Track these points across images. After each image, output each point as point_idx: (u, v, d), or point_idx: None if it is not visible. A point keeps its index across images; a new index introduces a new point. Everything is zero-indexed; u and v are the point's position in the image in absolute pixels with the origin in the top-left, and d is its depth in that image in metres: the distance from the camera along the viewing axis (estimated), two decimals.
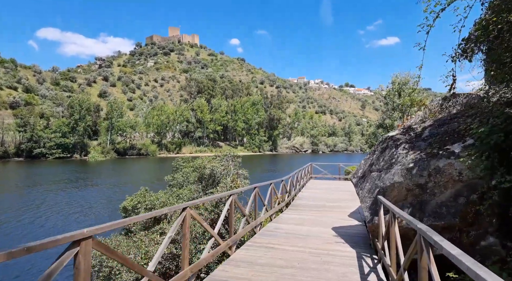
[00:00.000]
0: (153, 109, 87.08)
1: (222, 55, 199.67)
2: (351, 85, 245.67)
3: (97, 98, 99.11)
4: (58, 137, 66.25)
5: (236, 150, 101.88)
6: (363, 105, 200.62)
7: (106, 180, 37.95)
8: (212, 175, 12.35)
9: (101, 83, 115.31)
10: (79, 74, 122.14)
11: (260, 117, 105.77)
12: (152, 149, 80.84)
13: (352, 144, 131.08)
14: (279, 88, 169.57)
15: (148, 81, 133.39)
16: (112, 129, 76.65)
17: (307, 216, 9.05)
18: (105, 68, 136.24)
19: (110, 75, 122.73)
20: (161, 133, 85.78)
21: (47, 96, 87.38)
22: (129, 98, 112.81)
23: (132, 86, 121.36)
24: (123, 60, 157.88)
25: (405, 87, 23.70)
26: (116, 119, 77.08)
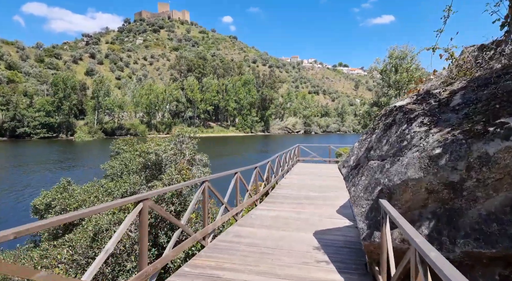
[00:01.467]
0: (141, 88, 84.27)
1: (214, 33, 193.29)
2: (345, 65, 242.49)
3: (84, 77, 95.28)
4: (42, 116, 63.77)
5: (227, 130, 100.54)
6: (357, 85, 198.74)
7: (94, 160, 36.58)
8: (158, 162, 9.69)
9: (87, 60, 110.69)
10: (65, 51, 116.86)
11: (252, 97, 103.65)
12: (141, 129, 78.88)
13: (345, 124, 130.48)
14: (272, 68, 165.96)
15: (137, 59, 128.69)
16: (99, 109, 74.16)
17: (285, 211, 7.35)
18: (93, 45, 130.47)
19: (97, 53, 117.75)
20: (150, 113, 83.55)
21: (31, 74, 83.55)
22: (117, 77, 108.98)
23: (120, 64, 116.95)
24: (111, 37, 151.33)
25: (402, 62, 22.15)
26: (103, 98, 74.38)
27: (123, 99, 79.27)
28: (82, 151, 47.38)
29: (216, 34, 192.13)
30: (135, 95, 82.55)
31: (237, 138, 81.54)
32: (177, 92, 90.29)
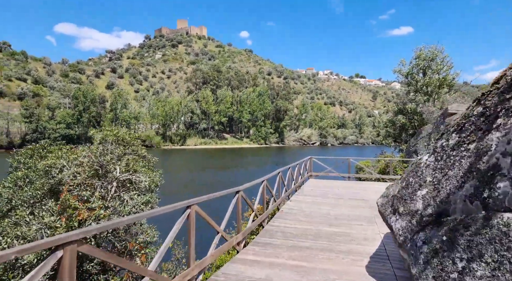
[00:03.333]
0: (157, 101, 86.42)
1: (230, 46, 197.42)
2: (362, 76, 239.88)
3: (105, 90, 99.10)
4: (63, 128, 66.30)
5: (241, 141, 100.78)
6: (374, 96, 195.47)
7: None
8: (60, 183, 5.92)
9: (109, 75, 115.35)
10: (89, 66, 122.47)
11: (266, 108, 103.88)
12: (157, 141, 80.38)
13: (363, 136, 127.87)
14: (287, 79, 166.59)
15: (156, 73, 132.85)
16: (116, 121, 76.40)
17: (279, 268, 4.47)
18: (115, 60, 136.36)
19: (118, 67, 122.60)
20: (166, 125, 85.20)
21: (55, 88, 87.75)
22: (136, 90, 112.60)
23: (139, 78, 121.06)
24: (132, 53, 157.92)
25: (431, 63, 20.22)
26: (120, 110, 76.72)
27: (139, 111, 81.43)
28: None
29: (232, 48, 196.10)
30: (151, 107, 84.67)
31: (248, 150, 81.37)
32: (192, 104, 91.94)
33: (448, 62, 20.41)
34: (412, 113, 22.03)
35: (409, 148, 15.00)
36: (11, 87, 76.52)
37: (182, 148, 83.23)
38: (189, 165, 46.53)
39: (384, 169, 15.66)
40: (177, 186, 27.62)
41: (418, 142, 13.64)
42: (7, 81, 78.43)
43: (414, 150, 13.92)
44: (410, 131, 23.14)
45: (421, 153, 12.20)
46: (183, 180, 31.50)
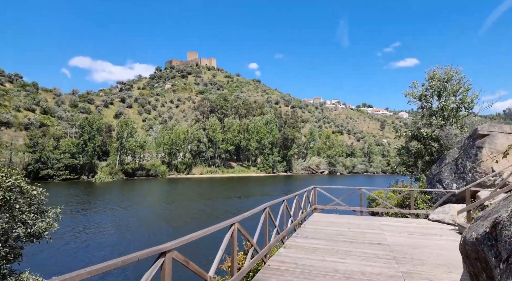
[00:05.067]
0: (163, 129, 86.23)
1: (238, 77, 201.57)
2: (369, 105, 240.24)
3: (113, 119, 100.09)
4: (67, 158, 65.62)
5: (249, 170, 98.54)
6: (382, 125, 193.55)
7: (98, 203, 35.66)
8: None
9: (118, 104, 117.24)
10: (99, 97, 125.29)
11: (273, 136, 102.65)
12: (162, 170, 78.96)
13: (373, 165, 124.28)
14: (294, 108, 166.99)
15: (164, 102, 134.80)
16: (122, 150, 75.74)
17: None
18: (125, 91, 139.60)
19: (128, 97, 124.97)
20: (172, 153, 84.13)
21: (63, 118, 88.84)
22: (144, 119, 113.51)
23: (148, 107, 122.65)
24: (143, 84, 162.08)
25: (447, 84, 18.47)
26: (126, 139, 76.31)
27: (145, 139, 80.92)
28: (95, 193, 47.00)
29: (241, 78, 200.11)
30: (157, 136, 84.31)
31: (255, 179, 79.03)
32: (199, 132, 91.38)
33: (465, 83, 18.68)
34: (428, 139, 20.02)
35: (431, 176, 12.87)
36: (18, 117, 77.58)
37: (187, 177, 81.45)
38: (190, 194, 44.47)
39: (403, 201, 13.45)
40: (169, 218, 25.52)
41: (443, 169, 11.59)
42: (15, 112, 79.76)
43: (438, 178, 11.82)
44: (426, 159, 21.01)
45: (447, 182, 9.26)
46: (177, 211, 29.41)
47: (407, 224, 9.80)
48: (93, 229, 21.52)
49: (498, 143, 9.65)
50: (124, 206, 31.68)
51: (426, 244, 7.16)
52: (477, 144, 9.92)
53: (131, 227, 22.16)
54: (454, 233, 8.44)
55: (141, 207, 31.59)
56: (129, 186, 56.61)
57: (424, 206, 12.31)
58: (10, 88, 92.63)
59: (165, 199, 38.59)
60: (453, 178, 10.86)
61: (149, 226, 22.68)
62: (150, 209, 30.33)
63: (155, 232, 20.49)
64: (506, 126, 9.79)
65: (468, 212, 8.44)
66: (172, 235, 17.17)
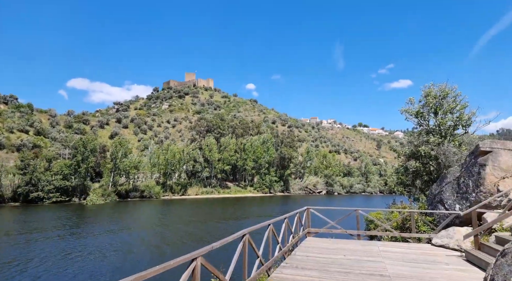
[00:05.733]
0: (158, 149, 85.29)
1: (235, 97, 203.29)
2: (365, 125, 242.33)
3: (108, 140, 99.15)
4: (58, 180, 64.06)
5: (245, 190, 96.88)
6: (379, 145, 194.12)
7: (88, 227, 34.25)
8: None
9: (113, 125, 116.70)
10: (95, 117, 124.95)
11: (270, 156, 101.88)
12: (156, 191, 77.26)
13: (370, 184, 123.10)
14: (291, 128, 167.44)
15: (161, 122, 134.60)
16: (116, 171, 74.32)
17: None
18: (122, 111, 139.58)
19: (124, 118, 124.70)
20: (167, 174, 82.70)
21: (57, 139, 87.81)
22: (139, 139, 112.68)
23: (144, 127, 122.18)
24: (140, 104, 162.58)
25: (443, 101, 18.14)
26: (121, 159, 75.10)
27: (140, 159, 79.72)
28: (84, 216, 45.48)
29: (238, 98, 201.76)
30: (152, 156, 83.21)
31: (251, 199, 77.45)
32: (195, 152, 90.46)
33: (461, 100, 18.34)
34: (427, 157, 19.38)
35: (431, 196, 12.12)
36: (11, 138, 76.49)
37: (182, 198, 79.70)
38: (184, 216, 43.01)
39: (403, 223, 12.60)
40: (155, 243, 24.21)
41: (444, 188, 10.87)
42: (8, 133, 78.78)
43: (439, 198, 11.06)
44: (425, 178, 20.32)
45: (450, 203, 8.25)
46: (165, 235, 28.10)
47: (409, 250, 8.95)
48: (76, 254, 20.24)
49: (501, 160, 9.03)
50: (112, 230, 30.31)
51: (432, 275, 6.33)
52: (480, 161, 9.28)
53: (116, 252, 20.89)
54: (462, 261, 7.61)
55: (129, 231, 30.22)
56: (121, 208, 54.96)
57: (426, 229, 11.47)
58: (5, 109, 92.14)
59: (156, 222, 37.16)
60: (456, 198, 10.12)
61: (133, 251, 21.42)
62: (138, 233, 28.98)
63: (139, 259, 19.25)
64: (509, 142, 9.22)
65: (475, 237, 7.66)
66: (155, 262, 16.00)
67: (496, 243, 7.41)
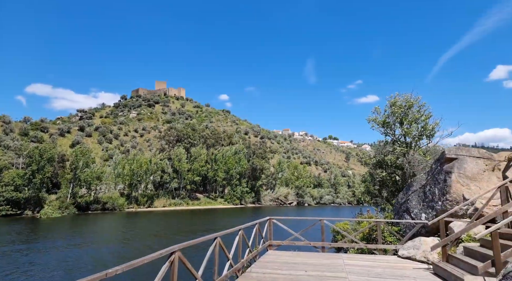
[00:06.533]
0: (123, 159, 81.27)
1: (208, 107, 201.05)
2: (335, 137, 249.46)
3: (68, 149, 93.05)
4: (9, 191, 58.60)
5: (215, 202, 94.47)
6: (347, 157, 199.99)
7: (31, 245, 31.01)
8: None
9: (75, 133, 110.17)
10: (56, 125, 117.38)
11: (242, 167, 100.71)
12: (120, 202, 73.03)
13: (339, 195, 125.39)
14: (264, 139, 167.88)
15: (128, 131, 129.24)
16: (75, 182, 69.50)
17: None
18: (86, 119, 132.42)
19: (87, 126, 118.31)
20: (132, 185, 78.67)
21: (11, 147, 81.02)
22: (104, 149, 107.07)
23: (109, 136, 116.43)
24: (106, 112, 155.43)
25: (408, 111, 18.17)
26: (81, 170, 70.45)
27: (103, 170, 75.31)
28: (36, 231, 41.58)
29: (210, 108, 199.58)
30: (116, 166, 79.00)
31: (221, 211, 75.51)
32: (163, 162, 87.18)
33: (425, 111, 18.66)
34: (392, 166, 19.47)
35: (398, 205, 11.76)
36: None
37: (148, 210, 75.95)
38: (147, 230, 40.49)
39: (369, 234, 12.10)
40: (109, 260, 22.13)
41: (410, 197, 10.52)
42: None
43: (405, 208, 10.69)
44: (391, 188, 20.35)
45: (416, 212, 7.53)
46: (122, 251, 25.96)
47: (375, 263, 8.33)
48: (19, 273, 17.81)
49: (467, 167, 8.80)
50: (63, 246, 27.56)
51: None
52: (445, 168, 9.00)
53: (65, 272, 18.68)
54: (430, 275, 7.07)
55: (84, 246, 27.64)
56: (79, 222, 50.99)
57: (392, 239, 11.02)
58: None
59: (116, 236, 34.53)
60: (422, 207, 9.76)
61: (88, 268, 19.30)
62: (94, 249, 26.54)
63: None
64: (474, 149, 9.06)
65: (443, 248, 7.17)
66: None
67: (465, 254, 6.96)
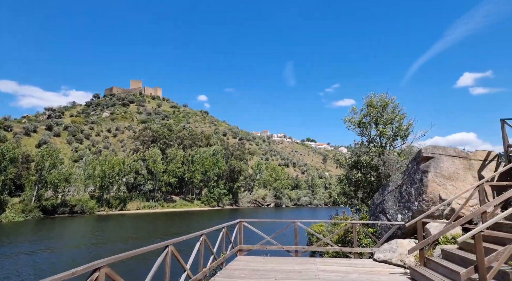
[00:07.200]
0: (94, 160, 77.70)
1: (185, 107, 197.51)
2: (313, 140, 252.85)
3: (35, 149, 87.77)
4: None
5: (192, 204, 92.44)
6: (325, 159, 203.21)
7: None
8: None
9: (42, 132, 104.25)
10: (21, 123, 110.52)
11: (220, 168, 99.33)
12: (90, 205, 69.53)
13: (316, 197, 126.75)
14: (242, 140, 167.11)
15: (100, 131, 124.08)
16: (41, 183, 65.48)
17: None
18: (55, 119, 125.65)
19: (56, 125, 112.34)
20: (104, 187, 75.25)
21: None
22: (74, 149, 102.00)
23: (79, 136, 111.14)
24: (77, 111, 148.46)
25: (384, 112, 18.10)
26: (48, 171, 66.50)
27: (71, 171, 71.51)
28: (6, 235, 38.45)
29: (188, 108, 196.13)
30: (87, 167, 75.37)
31: (198, 213, 73.89)
32: (137, 163, 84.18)
33: (399, 111, 18.68)
34: (368, 167, 19.40)
35: (373, 206, 11.42)
36: None
37: (121, 213, 72.95)
38: (118, 234, 38.53)
39: (345, 236, 11.68)
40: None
41: (386, 197, 10.18)
42: None
43: (381, 208, 10.34)
44: (367, 189, 20.26)
45: (392, 213, 7.09)
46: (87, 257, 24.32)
47: (350, 268, 7.84)
48: None
49: (443, 166, 8.53)
50: (30, 251, 25.47)
51: None
52: (422, 167, 8.69)
53: (29, 276, 17.00)
54: (407, 280, 6.63)
55: (46, 251, 25.66)
56: (44, 226, 47.91)
57: (368, 242, 10.64)
58: None
59: (83, 241, 32.48)
60: (398, 207, 9.42)
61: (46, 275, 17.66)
62: (56, 254, 24.67)
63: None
64: (450, 148, 8.83)
65: (421, 251, 6.76)
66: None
67: (443, 257, 6.58)
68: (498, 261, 4.49)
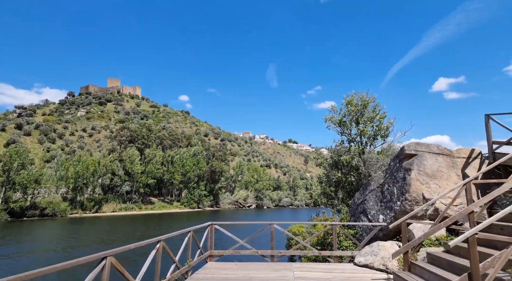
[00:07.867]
0: (67, 160, 74.23)
1: (166, 107, 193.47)
2: (294, 141, 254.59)
3: (3, 149, 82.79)
4: None
5: (171, 205, 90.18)
6: (306, 160, 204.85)
7: None
8: None
9: (11, 131, 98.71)
10: None
11: (200, 169, 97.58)
12: (62, 208, 66.16)
13: (297, 198, 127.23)
14: (224, 141, 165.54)
15: (75, 130, 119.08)
16: (9, 184, 61.74)
17: None
18: (26, 117, 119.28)
19: (26, 124, 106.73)
20: (77, 188, 71.95)
21: None
22: (45, 149, 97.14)
23: (52, 135, 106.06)
24: (50, 109, 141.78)
25: (364, 110, 17.78)
26: (16, 172, 62.82)
27: (42, 172, 67.88)
28: None
29: (168, 108, 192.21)
30: (59, 168, 71.85)
31: (177, 215, 72.07)
32: (113, 164, 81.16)
33: (380, 110, 18.44)
34: (348, 167, 19.04)
35: (354, 206, 10.92)
36: None
37: (96, 216, 69.93)
38: (90, 238, 36.53)
39: (324, 238, 11.11)
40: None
41: (367, 197, 9.69)
42: None
43: (362, 209, 9.83)
44: (347, 189, 19.92)
45: (373, 213, 6.20)
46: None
47: (329, 274, 7.22)
48: None
49: (426, 164, 8.11)
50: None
51: None
52: (405, 165, 8.24)
53: None
54: None
55: (8, 259, 23.69)
56: (11, 230, 44.93)
57: (349, 244, 10.10)
58: None
59: (51, 245, 30.45)
60: (379, 208, 8.93)
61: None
62: (19, 261, 22.80)
63: None
64: (433, 146, 8.45)
65: (405, 254, 6.21)
66: None
67: (429, 261, 6.07)
68: (495, 268, 3.96)
